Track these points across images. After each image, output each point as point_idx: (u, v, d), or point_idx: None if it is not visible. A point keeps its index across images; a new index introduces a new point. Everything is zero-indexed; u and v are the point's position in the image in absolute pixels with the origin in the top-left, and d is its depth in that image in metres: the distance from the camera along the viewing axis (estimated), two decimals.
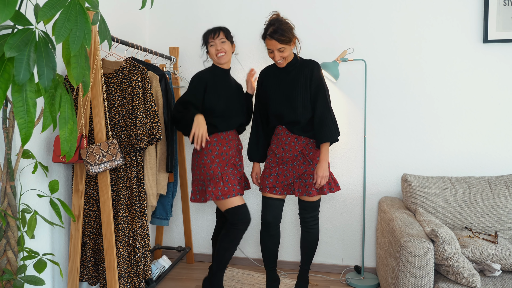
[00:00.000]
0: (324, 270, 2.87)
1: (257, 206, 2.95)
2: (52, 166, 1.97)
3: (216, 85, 2.20)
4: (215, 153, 2.19)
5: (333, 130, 2.13)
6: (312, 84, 2.15)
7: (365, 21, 2.72)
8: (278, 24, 2.05)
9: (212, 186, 2.15)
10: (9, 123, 1.44)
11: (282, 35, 2.03)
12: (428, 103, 2.67)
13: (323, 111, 2.13)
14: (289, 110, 2.15)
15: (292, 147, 2.19)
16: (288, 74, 2.19)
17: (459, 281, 1.88)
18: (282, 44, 2.05)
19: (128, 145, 2.07)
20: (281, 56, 2.10)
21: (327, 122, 2.12)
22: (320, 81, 2.15)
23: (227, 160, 2.23)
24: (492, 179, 2.42)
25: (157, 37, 3.03)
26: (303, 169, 2.17)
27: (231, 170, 2.23)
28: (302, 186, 2.17)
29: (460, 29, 2.60)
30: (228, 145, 2.23)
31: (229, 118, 2.21)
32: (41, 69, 1.16)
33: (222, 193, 2.13)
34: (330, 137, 2.12)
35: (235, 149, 2.28)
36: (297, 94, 2.14)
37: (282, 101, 2.17)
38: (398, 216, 2.23)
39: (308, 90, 2.15)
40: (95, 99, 1.92)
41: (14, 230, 1.46)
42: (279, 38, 2.03)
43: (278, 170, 2.21)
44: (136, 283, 2.09)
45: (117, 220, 2.04)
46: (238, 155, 2.32)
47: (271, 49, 2.10)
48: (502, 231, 2.28)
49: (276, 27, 2.04)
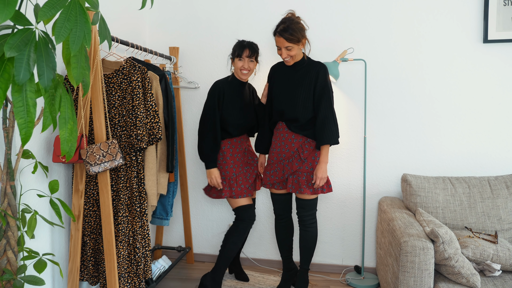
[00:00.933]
0: (324, 270, 2.87)
1: (262, 202, 2.95)
2: (52, 166, 1.97)
3: (232, 96, 2.31)
4: (229, 155, 2.36)
5: (335, 132, 2.17)
6: (317, 86, 2.17)
7: (365, 21, 2.72)
8: (289, 23, 2.07)
9: (227, 186, 2.33)
10: (9, 123, 1.44)
11: (291, 34, 2.06)
12: (428, 103, 2.67)
13: (326, 114, 2.15)
14: (289, 107, 2.21)
15: (289, 144, 2.25)
16: (295, 73, 2.23)
17: (459, 281, 1.88)
18: (290, 43, 2.08)
19: (128, 145, 2.07)
20: (288, 54, 2.13)
21: (329, 124, 2.14)
22: (325, 83, 2.17)
23: (241, 160, 2.39)
24: (492, 179, 2.42)
25: (157, 37, 3.03)
26: (297, 166, 2.21)
27: (247, 169, 2.40)
28: (295, 183, 2.22)
29: (460, 29, 2.60)
30: (240, 147, 2.40)
31: (243, 127, 2.37)
32: (41, 69, 1.16)
33: (235, 193, 2.32)
34: (331, 140, 2.15)
35: (245, 148, 2.43)
36: (299, 94, 2.18)
37: (285, 98, 2.23)
38: (398, 216, 2.23)
39: (311, 91, 2.18)
40: (95, 99, 1.92)
41: (14, 230, 1.46)
42: (287, 37, 2.06)
43: (277, 166, 2.29)
44: (136, 283, 2.09)
45: (117, 220, 2.04)
46: (248, 152, 2.45)
47: (279, 46, 2.12)
48: (502, 231, 2.28)
49: (286, 26, 2.06)
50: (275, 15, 2.84)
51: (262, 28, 2.86)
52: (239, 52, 2.24)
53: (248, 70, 2.27)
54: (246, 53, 2.24)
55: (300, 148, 2.21)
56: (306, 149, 2.21)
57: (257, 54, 2.28)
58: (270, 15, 2.84)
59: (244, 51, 2.24)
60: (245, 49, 2.24)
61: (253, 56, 2.26)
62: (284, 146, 2.26)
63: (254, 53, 2.26)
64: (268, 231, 2.95)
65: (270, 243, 2.96)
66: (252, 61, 2.27)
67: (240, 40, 2.31)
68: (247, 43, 2.27)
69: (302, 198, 2.27)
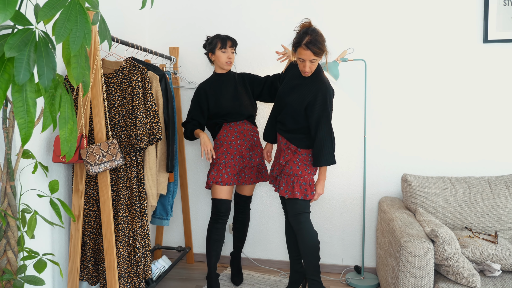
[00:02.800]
0: (324, 270, 2.87)
1: (261, 202, 2.96)
2: (52, 166, 1.97)
3: (216, 92, 2.43)
4: (223, 142, 2.41)
5: (332, 155, 2.15)
6: (315, 109, 2.11)
7: (365, 21, 2.72)
8: (315, 35, 1.99)
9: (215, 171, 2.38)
10: (9, 123, 1.44)
11: (319, 48, 1.99)
12: (428, 103, 2.67)
13: (324, 136, 2.12)
14: (282, 111, 2.24)
15: (280, 145, 2.30)
16: (298, 80, 2.19)
17: (459, 281, 1.88)
18: (316, 56, 2.01)
19: (128, 145, 2.07)
20: (311, 67, 2.07)
21: (326, 147, 2.12)
22: (324, 106, 2.10)
23: (236, 149, 2.41)
24: (492, 179, 2.42)
25: (157, 37, 3.03)
26: (282, 167, 2.25)
27: (239, 159, 2.41)
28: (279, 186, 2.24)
29: (460, 29, 2.60)
30: (237, 135, 2.42)
31: (236, 114, 2.40)
32: (41, 69, 1.16)
33: (222, 180, 2.36)
34: (328, 161, 2.14)
35: (247, 140, 2.44)
36: (291, 104, 2.17)
37: (280, 100, 2.25)
38: (398, 216, 2.23)
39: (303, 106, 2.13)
40: (95, 99, 1.92)
41: (14, 230, 1.46)
42: (315, 51, 1.98)
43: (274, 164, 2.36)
44: (136, 283, 2.09)
45: (117, 220, 2.04)
46: (251, 146, 2.46)
47: (304, 59, 2.03)
48: (502, 231, 2.28)
49: (313, 38, 1.98)
50: (275, 15, 2.84)
51: (262, 28, 2.86)
52: (222, 44, 2.36)
53: (232, 62, 2.42)
54: (229, 44, 2.38)
55: (282, 152, 2.25)
56: (288, 153, 2.22)
57: (236, 46, 2.44)
58: (271, 15, 2.84)
59: (227, 42, 2.37)
60: (228, 41, 2.37)
61: (233, 48, 2.40)
62: (278, 144, 2.32)
63: (234, 42, 2.41)
64: (268, 231, 2.95)
65: (269, 243, 2.96)
66: (233, 52, 2.41)
67: (216, 35, 2.41)
68: (226, 35, 2.40)
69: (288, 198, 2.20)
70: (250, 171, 2.45)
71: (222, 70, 2.45)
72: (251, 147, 2.46)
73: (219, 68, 2.45)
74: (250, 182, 2.45)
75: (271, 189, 2.92)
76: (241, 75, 2.53)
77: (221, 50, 2.37)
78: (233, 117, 2.40)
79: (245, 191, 2.53)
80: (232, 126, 2.41)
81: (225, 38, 2.38)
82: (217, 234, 2.40)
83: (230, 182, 2.37)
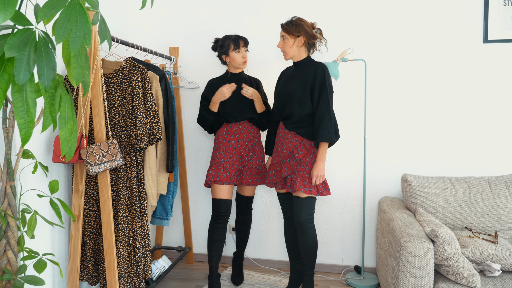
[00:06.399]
0: (324, 270, 2.87)
1: (261, 202, 2.95)
2: (52, 166, 1.97)
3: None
4: (222, 140, 2.43)
5: (331, 131, 2.14)
6: (316, 84, 2.18)
7: (365, 21, 2.72)
8: (295, 18, 2.23)
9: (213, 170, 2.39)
10: (9, 123, 1.44)
11: (288, 24, 2.22)
12: (428, 103, 2.67)
13: (323, 111, 2.16)
14: (286, 104, 2.25)
15: (286, 144, 2.26)
16: (295, 71, 2.29)
17: (459, 281, 1.88)
18: (285, 32, 2.22)
19: (128, 145, 2.07)
20: (282, 44, 2.24)
21: (325, 122, 2.14)
22: (323, 82, 2.18)
23: (235, 149, 2.41)
24: (492, 179, 2.42)
25: (157, 37, 3.03)
26: (294, 166, 2.22)
27: (238, 158, 2.41)
28: (292, 182, 2.21)
29: (460, 29, 2.60)
30: (237, 135, 2.42)
31: (238, 114, 2.41)
32: (41, 69, 1.15)
33: (220, 179, 2.36)
34: (326, 137, 2.13)
35: (247, 141, 2.44)
36: (296, 90, 2.22)
37: (283, 95, 2.27)
38: (398, 216, 2.23)
39: (308, 88, 2.19)
40: (95, 99, 1.92)
41: (14, 230, 1.46)
42: (284, 27, 2.23)
43: (278, 166, 2.31)
44: (136, 283, 2.09)
45: (117, 220, 2.04)
46: (251, 146, 2.45)
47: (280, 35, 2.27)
48: (502, 231, 2.28)
49: (290, 19, 2.23)
50: (275, 16, 2.84)
51: (263, 28, 2.86)
52: (236, 45, 2.36)
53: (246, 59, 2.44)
54: (242, 44, 2.38)
55: (295, 149, 2.22)
56: (301, 150, 2.21)
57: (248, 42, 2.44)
58: (271, 15, 2.84)
59: (240, 42, 2.37)
60: (240, 41, 2.37)
61: (246, 45, 2.41)
62: (282, 146, 2.27)
63: (247, 41, 2.42)
64: (268, 231, 2.95)
65: (270, 243, 2.96)
66: (247, 51, 2.43)
67: (225, 36, 2.40)
68: (236, 35, 2.40)
69: (297, 196, 2.22)
70: (249, 172, 2.43)
71: (237, 70, 2.46)
72: (252, 148, 2.44)
73: (234, 68, 2.46)
74: (248, 183, 2.42)
75: (271, 189, 2.92)
76: (255, 81, 2.53)
77: (235, 51, 2.37)
78: (234, 117, 2.40)
79: (246, 191, 2.53)
80: (232, 125, 2.42)
81: (237, 39, 2.37)
82: (218, 234, 2.40)
83: (228, 181, 2.36)
